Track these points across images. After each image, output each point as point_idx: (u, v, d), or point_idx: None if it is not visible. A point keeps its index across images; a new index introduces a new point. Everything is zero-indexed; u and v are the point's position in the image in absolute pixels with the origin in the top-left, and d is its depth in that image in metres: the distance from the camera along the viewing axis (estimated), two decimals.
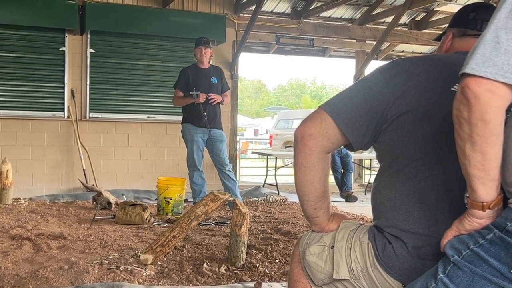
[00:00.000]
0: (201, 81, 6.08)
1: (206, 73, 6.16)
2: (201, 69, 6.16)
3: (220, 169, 6.17)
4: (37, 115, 7.73)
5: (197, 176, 6.13)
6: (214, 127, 6.13)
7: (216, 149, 6.15)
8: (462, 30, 1.84)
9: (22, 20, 7.51)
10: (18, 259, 3.77)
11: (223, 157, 6.15)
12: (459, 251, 1.35)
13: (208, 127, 6.07)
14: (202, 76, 6.11)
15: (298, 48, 10.79)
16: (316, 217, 1.78)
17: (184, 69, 6.24)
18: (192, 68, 6.22)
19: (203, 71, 6.15)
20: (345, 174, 8.32)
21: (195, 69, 6.18)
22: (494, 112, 1.21)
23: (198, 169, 6.14)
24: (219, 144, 6.15)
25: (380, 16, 9.73)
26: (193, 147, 6.09)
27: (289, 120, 19.18)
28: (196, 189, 6.13)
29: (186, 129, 6.15)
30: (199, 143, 6.10)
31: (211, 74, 6.18)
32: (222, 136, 6.21)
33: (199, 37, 6.22)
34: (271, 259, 3.99)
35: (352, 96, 1.67)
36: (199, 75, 6.11)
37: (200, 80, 6.08)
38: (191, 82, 6.06)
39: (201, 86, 6.04)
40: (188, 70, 6.19)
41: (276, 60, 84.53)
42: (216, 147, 6.15)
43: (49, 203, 6.49)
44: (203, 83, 6.08)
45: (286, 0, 9.21)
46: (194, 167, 6.13)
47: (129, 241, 4.46)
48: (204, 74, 6.14)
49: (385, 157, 1.70)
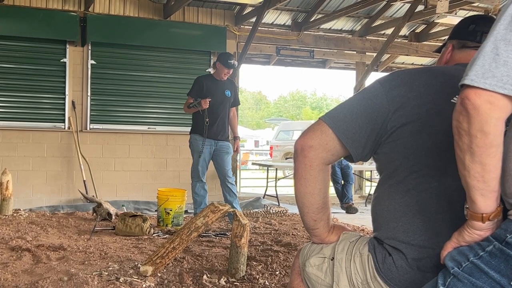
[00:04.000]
0: (216, 92, 6.09)
1: (221, 84, 6.17)
2: (217, 80, 6.17)
3: (223, 181, 6.17)
4: (38, 126, 7.74)
5: (199, 187, 6.13)
6: (222, 139, 6.14)
7: (221, 160, 6.15)
8: (462, 42, 1.84)
9: (23, 31, 7.55)
10: (17, 271, 3.76)
11: (227, 169, 6.14)
12: (459, 263, 1.34)
13: (214, 139, 6.07)
14: (217, 87, 6.12)
15: (299, 59, 10.83)
16: (316, 229, 1.77)
17: (200, 78, 6.27)
18: (208, 77, 6.26)
19: (219, 82, 6.16)
20: (346, 186, 8.31)
21: (211, 79, 6.20)
22: (493, 124, 1.21)
23: (201, 180, 6.14)
24: (224, 156, 6.15)
25: (380, 28, 9.77)
26: (198, 158, 6.09)
27: (289, 131, 19.20)
28: (197, 200, 6.13)
29: (193, 139, 6.16)
30: (205, 154, 6.09)
31: (225, 86, 6.19)
32: (229, 148, 6.21)
33: (229, 56, 6.19)
34: (271, 270, 3.97)
35: (352, 107, 1.67)
36: (214, 86, 6.12)
37: (214, 91, 6.10)
38: (205, 91, 6.07)
39: (214, 97, 6.05)
40: (204, 79, 6.20)
41: (277, 71, 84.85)
42: (221, 159, 6.14)
43: (49, 214, 6.48)
44: (217, 94, 6.09)
45: (286, 12, 9.25)
46: (198, 178, 6.13)
47: (129, 253, 4.44)
48: (220, 85, 6.15)
49: (385, 169, 1.70)
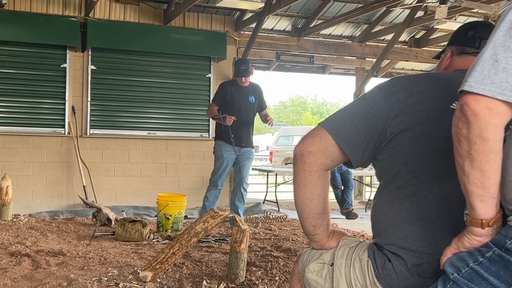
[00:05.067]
0: (240, 99, 6.08)
1: (246, 91, 6.13)
2: (241, 87, 6.14)
3: (238, 185, 6.16)
4: (38, 131, 7.74)
5: (212, 193, 6.14)
6: (246, 146, 6.13)
7: (241, 165, 6.13)
8: (461, 48, 1.85)
9: (24, 37, 7.56)
10: (17, 276, 3.75)
11: (245, 175, 6.14)
12: (459, 269, 1.34)
13: (238, 145, 6.07)
14: (241, 94, 6.10)
15: (299, 65, 10.84)
16: (315, 234, 1.77)
17: (224, 84, 6.29)
18: (232, 84, 6.24)
19: (243, 89, 6.13)
20: (346, 191, 8.30)
21: (235, 86, 6.17)
22: (493, 130, 1.21)
23: (217, 187, 6.14)
24: (246, 161, 6.14)
25: (380, 34, 9.78)
26: (221, 165, 6.10)
27: (289, 136, 19.20)
28: (206, 204, 6.13)
29: (217, 146, 6.17)
30: (229, 161, 6.10)
31: (250, 92, 6.15)
32: (251, 154, 6.20)
33: (241, 63, 6.14)
34: (271, 276, 3.97)
35: (352, 113, 1.67)
36: (238, 93, 6.11)
37: (239, 97, 6.08)
38: (229, 98, 6.07)
39: (238, 104, 6.05)
40: (228, 86, 6.20)
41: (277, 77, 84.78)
42: (242, 164, 6.13)
43: (48, 220, 6.47)
44: (242, 101, 6.08)
45: (286, 18, 9.27)
46: (215, 184, 6.14)
47: (128, 258, 4.43)
48: (244, 92, 6.13)
49: (384, 175, 1.70)
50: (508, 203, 1.33)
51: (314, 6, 8.89)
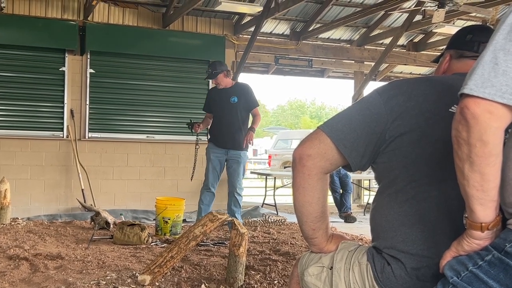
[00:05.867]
0: (220, 102, 6.14)
1: (225, 93, 6.15)
2: (220, 90, 6.19)
3: (232, 191, 6.15)
4: (37, 135, 7.73)
5: (206, 195, 6.14)
6: (232, 147, 6.11)
7: (232, 170, 6.12)
8: (460, 52, 1.85)
9: (22, 40, 7.56)
10: (15, 280, 3.74)
11: (237, 180, 6.10)
12: (458, 273, 1.34)
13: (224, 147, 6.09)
14: (220, 97, 6.16)
15: (297, 68, 10.85)
16: (314, 238, 1.77)
17: (209, 90, 6.45)
18: (214, 89, 6.38)
19: (224, 91, 6.16)
20: (344, 195, 8.30)
21: (215, 90, 6.31)
22: (493, 133, 1.21)
23: (210, 189, 6.14)
24: (235, 165, 6.11)
25: (378, 38, 9.80)
26: (208, 167, 6.16)
27: (288, 140, 19.19)
28: (202, 207, 6.12)
29: (208, 148, 6.25)
30: (215, 163, 6.12)
31: (231, 93, 6.14)
32: (240, 158, 6.13)
33: (207, 68, 6.33)
34: (270, 280, 3.96)
35: (351, 117, 1.67)
36: (217, 96, 6.20)
37: (218, 100, 6.15)
38: (212, 102, 6.22)
39: (219, 107, 6.12)
40: (210, 91, 6.34)
41: (275, 80, 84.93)
42: (232, 168, 6.12)
43: (47, 223, 6.46)
44: (223, 103, 6.12)
45: (285, 22, 9.29)
46: (206, 186, 6.15)
47: (127, 262, 4.43)
48: (223, 94, 6.15)
49: (383, 178, 1.70)
50: (507, 206, 1.33)
51: (312, 10, 8.90)
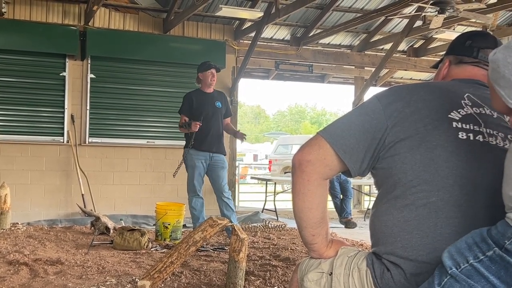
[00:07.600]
0: (206, 105, 6.03)
1: (211, 96, 6.11)
2: (206, 93, 6.10)
3: (219, 196, 6.06)
4: (37, 140, 7.74)
5: (196, 201, 6.07)
6: (217, 151, 6.06)
7: (215, 175, 6.05)
8: (459, 57, 1.85)
9: (23, 45, 7.58)
10: (15, 285, 3.74)
11: (223, 184, 6.04)
12: (458, 264, 1.34)
13: (209, 151, 5.99)
14: (207, 100, 6.06)
15: (298, 74, 10.87)
16: (314, 244, 1.77)
17: (188, 94, 6.17)
18: (197, 92, 6.15)
19: (208, 95, 6.10)
20: (344, 200, 8.30)
21: (200, 94, 6.12)
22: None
23: (198, 195, 6.08)
24: (219, 171, 6.05)
25: (378, 43, 9.82)
26: (193, 173, 6.01)
27: (288, 145, 19.19)
28: (195, 214, 6.06)
29: (188, 154, 6.07)
30: (200, 168, 6.02)
31: (215, 98, 6.13)
32: (224, 162, 6.12)
33: (205, 62, 6.15)
34: (270, 285, 3.96)
35: (350, 122, 1.67)
36: (204, 99, 6.06)
37: (205, 104, 6.03)
38: (195, 106, 6.00)
39: (205, 110, 6.00)
40: (193, 95, 6.12)
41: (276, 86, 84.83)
42: (216, 174, 6.05)
43: (47, 228, 6.46)
44: (208, 107, 6.04)
45: (285, 27, 9.31)
46: (194, 192, 6.06)
47: (126, 267, 4.42)
48: (209, 97, 6.10)
49: (383, 184, 1.70)
50: (508, 200, 1.33)
51: (313, 15, 8.93)
